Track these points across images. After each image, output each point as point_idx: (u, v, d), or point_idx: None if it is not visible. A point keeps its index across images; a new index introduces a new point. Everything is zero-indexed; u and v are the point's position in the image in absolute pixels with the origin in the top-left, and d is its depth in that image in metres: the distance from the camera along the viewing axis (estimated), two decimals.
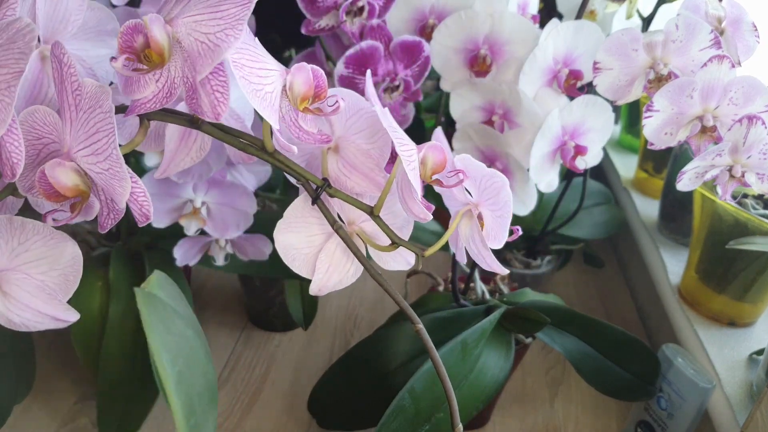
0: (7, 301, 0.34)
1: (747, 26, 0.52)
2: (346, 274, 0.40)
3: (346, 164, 0.36)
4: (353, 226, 0.38)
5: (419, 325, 0.38)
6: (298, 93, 0.33)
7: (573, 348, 0.62)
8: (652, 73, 0.51)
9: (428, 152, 0.35)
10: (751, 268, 0.67)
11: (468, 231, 0.37)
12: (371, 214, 0.36)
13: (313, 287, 0.39)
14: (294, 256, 0.38)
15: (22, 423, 0.67)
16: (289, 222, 0.37)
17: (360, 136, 0.36)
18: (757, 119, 0.46)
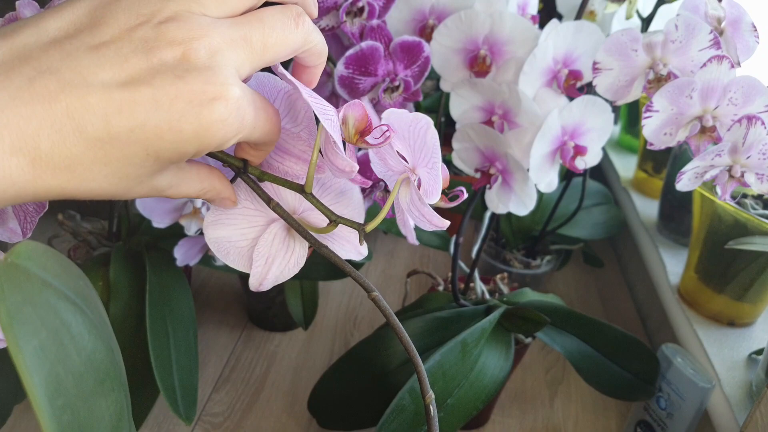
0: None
1: (746, 26, 0.52)
2: (287, 265, 0.37)
3: (277, 150, 0.34)
4: (295, 215, 0.36)
5: (374, 293, 0.35)
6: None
7: (573, 348, 0.63)
8: (651, 73, 0.52)
9: (347, 110, 0.32)
10: (750, 268, 0.67)
11: (407, 198, 0.34)
12: (302, 192, 0.33)
13: (252, 282, 0.36)
14: (227, 250, 0.35)
15: (23, 423, 0.67)
16: (218, 214, 0.35)
17: (286, 121, 0.34)
18: (756, 119, 0.46)
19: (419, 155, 0.33)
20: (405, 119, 0.32)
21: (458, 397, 0.55)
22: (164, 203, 0.57)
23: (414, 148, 0.33)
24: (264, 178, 0.33)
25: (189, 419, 0.58)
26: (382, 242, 1.08)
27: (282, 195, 0.35)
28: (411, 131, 0.32)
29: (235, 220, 0.35)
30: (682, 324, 0.73)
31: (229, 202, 0.33)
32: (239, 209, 0.35)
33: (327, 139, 0.31)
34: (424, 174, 0.33)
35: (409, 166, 0.34)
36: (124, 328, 0.61)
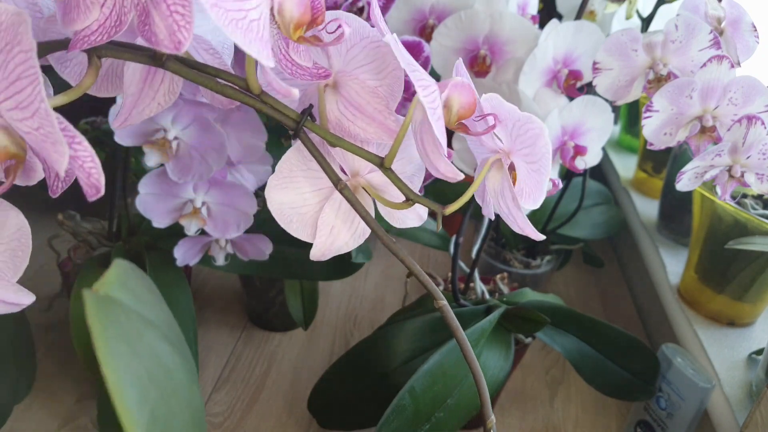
0: None
1: (746, 26, 0.52)
2: (353, 235, 0.34)
3: (348, 105, 0.30)
4: (358, 178, 0.32)
5: (442, 301, 0.32)
6: (290, 18, 0.26)
7: (573, 348, 0.63)
8: (651, 73, 0.52)
9: (453, 92, 0.28)
10: (750, 268, 0.67)
11: (497, 184, 0.31)
12: (381, 167, 0.30)
13: (315, 252, 0.33)
14: (290, 217, 0.32)
15: (23, 422, 0.67)
16: (283, 177, 0.31)
17: (365, 71, 0.30)
18: (756, 119, 0.46)
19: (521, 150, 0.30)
20: (514, 115, 0.29)
21: (458, 397, 0.55)
22: (164, 203, 0.57)
23: (517, 142, 0.30)
24: (338, 144, 0.30)
25: None
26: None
27: (347, 155, 0.32)
28: (519, 129, 0.29)
29: (298, 183, 0.32)
30: (682, 324, 0.73)
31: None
32: (303, 171, 0.32)
33: (426, 131, 0.28)
34: (524, 171, 0.30)
35: (504, 148, 0.30)
36: None
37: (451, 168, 0.28)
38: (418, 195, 0.31)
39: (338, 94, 0.30)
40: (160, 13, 0.24)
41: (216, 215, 0.58)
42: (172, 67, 0.28)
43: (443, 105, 0.28)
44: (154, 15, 0.24)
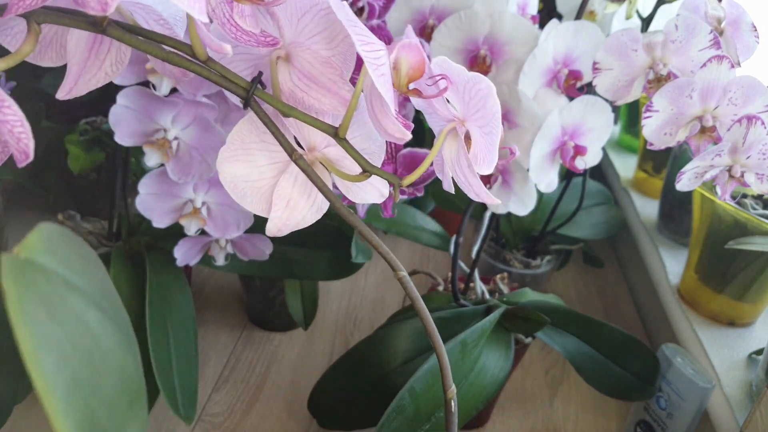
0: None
1: (746, 26, 0.52)
2: (311, 209, 0.33)
3: (301, 76, 0.30)
4: (315, 152, 0.31)
5: (402, 272, 0.31)
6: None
7: (572, 348, 0.63)
8: (651, 73, 0.52)
9: (402, 53, 0.27)
10: (750, 268, 0.67)
11: (453, 153, 0.31)
12: (336, 137, 0.29)
13: (270, 227, 0.32)
14: (244, 191, 0.31)
15: (23, 422, 0.67)
16: (235, 149, 0.30)
17: (316, 40, 0.29)
18: (756, 119, 0.46)
19: (474, 115, 0.29)
20: (463, 75, 0.28)
21: (458, 397, 0.55)
22: (164, 203, 0.57)
23: (469, 106, 0.29)
24: (291, 114, 0.29)
25: (189, 419, 0.58)
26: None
27: (302, 128, 0.31)
28: (469, 91, 0.28)
29: (252, 156, 0.31)
30: (682, 324, 0.73)
31: None
32: (257, 143, 0.31)
33: (373, 90, 0.27)
34: (477, 136, 0.29)
35: (458, 116, 0.30)
36: None
37: (399, 128, 0.27)
38: (373, 166, 0.30)
39: (291, 65, 0.30)
40: None
41: (216, 215, 0.58)
42: (113, 32, 0.27)
43: (393, 67, 0.27)
44: None
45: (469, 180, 0.30)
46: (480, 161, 0.30)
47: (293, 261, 0.68)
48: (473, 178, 0.29)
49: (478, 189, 0.30)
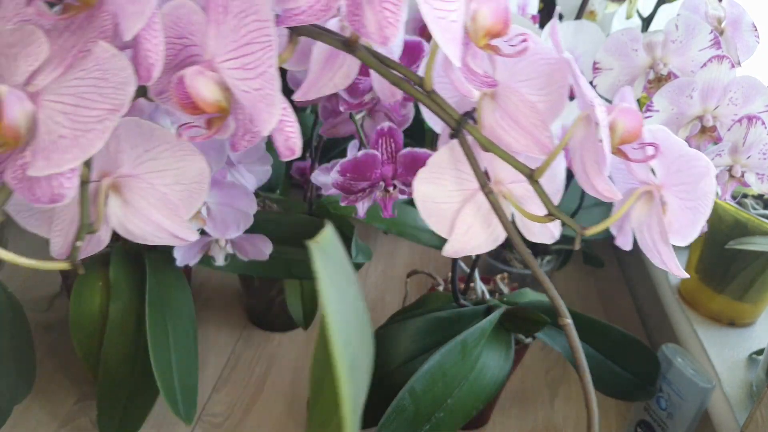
0: (127, 210, 0.31)
1: (747, 26, 0.52)
2: (488, 239, 0.35)
3: (505, 115, 0.31)
4: (500, 186, 0.34)
5: (567, 320, 0.35)
6: (482, 25, 0.28)
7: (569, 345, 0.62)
8: (651, 73, 0.52)
9: (620, 116, 0.28)
10: (750, 268, 0.67)
11: (644, 216, 0.31)
12: (530, 178, 0.31)
13: (449, 248, 0.34)
14: (431, 210, 0.34)
15: (23, 423, 0.67)
16: (432, 171, 0.33)
17: (528, 85, 0.31)
18: (756, 119, 0.46)
19: (677, 186, 0.30)
20: (678, 150, 0.29)
21: (458, 397, 0.55)
22: None
23: (674, 177, 0.30)
24: (491, 149, 0.31)
25: (189, 419, 0.58)
26: (382, 242, 1.08)
27: (494, 161, 0.33)
28: (681, 165, 0.29)
29: (445, 180, 0.33)
30: (683, 324, 0.73)
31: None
32: (451, 170, 0.33)
33: (589, 146, 0.28)
34: (676, 207, 0.30)
35: (656, 183, 0.31)
36: (123, 328, 0.61)
37: (610, 187, 0.29)
38: (560, 212, 0.32)
39: (496, 103, 0.31)
40: (372, 8, 0.26)
41: (216, 215, 0.58)
42: (360, 54, 0.30)
43: (609, 127, 0.29)
44: (366, 9, 0.26)
45: (658, 246, 0.31)
46: (675, 231, 0.30)
47: (293, 261, 0.68)
48: (664, 246, 0.30)
49: (666, 258, 0.30)
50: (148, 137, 0.31)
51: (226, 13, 0.26)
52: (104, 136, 0.25)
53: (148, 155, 0.31)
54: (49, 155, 0.25)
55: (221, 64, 0.26)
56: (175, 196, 0.32)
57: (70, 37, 0.26)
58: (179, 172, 0.32)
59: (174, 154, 0.32)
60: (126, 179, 0.31)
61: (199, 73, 0.26)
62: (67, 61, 0.26)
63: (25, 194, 0.25)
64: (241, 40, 0.26)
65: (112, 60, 0.25)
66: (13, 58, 0.26)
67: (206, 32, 0.27)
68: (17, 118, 0.25)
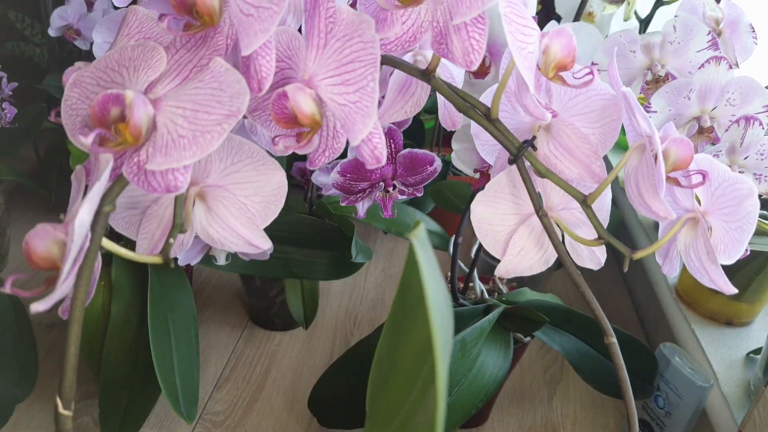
0: (210, 216, 0.35)
1: (744, 27, 0.52)
2: (538, 261, 0.37)
3: (558, 146, 0.34)
4: (551, 212, 0.35)
5: (612, 338, 0.36)
6: (554, 58, 0.30)
7: (571, 347, 0.63)
8: (649, 74, 0.52)
9: (673, 146, 0.30)
10: (748, 267, 0.67)
11: (690, 241, 0.33)
12: (583, 204, 0.33)
13: (501, 268, 0.37)
14: (486, 232, 0.36)
15: (24, 422, 0.68)
16: (489, 195, 0.35)
17: (581, 118, 0.33)
18: (754, 120, 0.46)
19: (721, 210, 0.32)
20: (722, 175, 0.32)
21: (457, 395, 0.55)
22: None
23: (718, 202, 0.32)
24: (547, 176, 0.33)
25: (190, 418, 0.59)
26: (382, 242, 1.09)
27: (547, 188, 0.35)
28: (724, 189, 0.31)
29: (501, 204, 0.35)
30: (680, 323, 0.74)
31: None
32: (507, 195, 0.35)
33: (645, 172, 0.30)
34: (721, 230, 0.32)
35: (700, 209, 0.33)
36: (125, 327, 0.61)
37: (666, 208, 0.31)
38: (610, 236, 0.34)
39: (550, 134, 0.34)
40: (459, 36, 0.29)
41: None
42: (435, 83, 0.33)
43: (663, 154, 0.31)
44: (453, 37, 0.29)
45: (707, 268, 0.32)
46: (721, 252, 0.32)
47: (294, 261, 0.68)
48: (712, 266, 0.32)
49: (715, 277, 0.32)
50: (236, 151, 0.34)
51: (328, 37, 0.29)
52: (221, 137, 0.28)
53: (233, 168, 0.34)
54: (169, 152, 0.28)
55: (321, 81, 0.29)
56: (254, 206, 0.35)
57: (186, 54, 0.30)
58: (259, 185, 0.35)
59: (256, 168, 0.34)
60: (211, 188, 0.35)
61: (299, 89, 0.29)
62: (183, 74, 0.30)
63: (141, 185, 0.28)
64: (344, 60, 0.29)
65: (227, 74, 0.29)
66: (134, 70, 0.30)
67: (305, 55, 0.30)
68: (141, 119, 0.28)
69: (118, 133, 0.28)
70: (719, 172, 0.32)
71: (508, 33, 0.29)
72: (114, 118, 0.28)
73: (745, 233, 0.31)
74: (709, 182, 0.32)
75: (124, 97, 0.27)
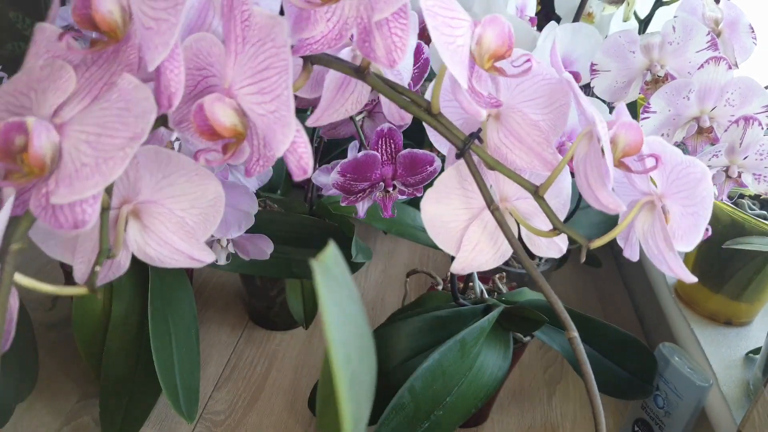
0: (146, 234, 0.33)
1: (744, 28, 0.52)
2: (494, 255, 0.36)
3: (508, 134, 0.32)
4: (506, 203, 0.34)
5: (574, 333, 0.34)
6: (488, 48, 0.29)
7: (571, 347, 0.63)
8: (649, 74, 0.52)
9: (621, 131, 0.29)
10: (747, 267, 0.67)
11: (647, 226, 0.32)
12: (535, 195, 0.32)
13: (456, 266, 0.35)
14: (439, 230, 0.35)
15: (25, 421, 0.68)
16: (439, 192, 0.34)
17: (530, 105, 0.33)
18: (753, 120, 0.46)
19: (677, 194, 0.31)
20: (675, 159, 0.31)
21: (457, 395, 0.55)
22: None
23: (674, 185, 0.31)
24: (496, 168, 0.32)
25: (191, 417, 0.59)
26: (382, 242, 1.09)
27: (500, 179, 0.34)
28: (679, 173, 0.31)
29: (451, 199, 0.34)
30: (680, 323, 0.74)
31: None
32: (457, 189, 0.34)
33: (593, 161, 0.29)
34: (678, 214, 0.31)
35: (657, 192, 0.32)
36: (126, 327, 0.61)
37: (614, 199, 0.30)
38: (564, 225, 0.32)
39: (500, 124, 0.33)
40: (381, 33, 0.28)
41: None
42: (370, 80, 0.32)
43: (611, 141, 0.30)
44: (376, 35, 0.28)
45: (664, 254, 0.31)
46: (678, 238, 0.31)
47: (294, 260, 0.68)
48: (669, 252, 0.31)
49: (673, 264, 0.31)
50: (166, 164, 0.32)
51: (245, 43, 0.27)
52: (124, 163, 0.26)
53: (165, 181, 0.33)
54: (72, 183, 0.26)
55: (239, 90, 0.28)
56: (192, 219, 0.34)
57: (96, 71, 0.28)
58: (195, 197, 0.33)
59: (190, 179, 0.33)
60: (145, 205, 0.33)
61: (217, 99, 0.27)
62: (92, 93, 0.27)
63: (49, 221, 0.26)
64: (259, 66, 0.27)
65: (134, 91, 0.27)
66: (42, 92, 0.28)
67: (225, 62, 0.28)
68: (43, 148, 0.26)
69: (24, 164, 0.26)
70: (673, 155, 0.31)
71: (431, 28, 0.27)
72: (19, 148, 0.25)
73: (702, 218, 0.30)
74: (663, 166, 0.31)
75: (26, 124, 0.25)
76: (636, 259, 0.35)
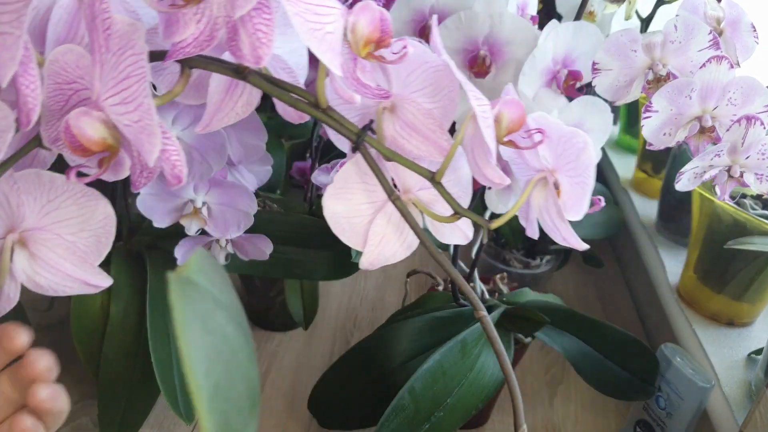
0: (35, 263, 0.32)
1: (746, 27, 0.52)
2: (401, 247, 0.36)
3: (404, 125, 0.33)
4: (409, 194, 0.35)
5: (482, 312, 0.34)
6: (361, 35, 0.29)
7: (572, 348, 0.63)
8: (650, 73, 0.52)
9: (504, 108, 0.30)
10: (749, 267, 0.67)
11: (542, 201, 0.33)
12: (432, 180, 0.32)
13: (364, 261, 0.35)
14: (343, 226, 0.34)
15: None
16: (339, 188, 0.34)
17: (421, 94, 0.33)
18: (755, 120, 0.46)
19: (565, 166, 0.32)
20: (559, 131, 0.31)
21: (458, 396, 0.55)
22: (165, 203, 0.57)
23: (561, 158, 0.32)
24: (394, 158, 0.32)
25: (189, 418, 0.58)
26: None
27: (399, 170, 0.34)
28: (564, 144, 0.31)
29: (353, 194, 0.34)
30: (682, 324, 0.74)
31: None
32: (358, 184, 0.34)
33: (477, 141, 0.30)
34: (567, 186, 0.32)
35: (548, 167, 0.33)
36: (124, 327, 0.61)
37: (499, 174, 0.30)
38: (464, 209, 0.33)
39: (395, 115, 0.33)
40: (246, 30, 0.27)
41: (216, 215, 0.58)
42: (252, 80, 0.31)
43: (494, 119, 0.30)
44: (241, 32, 0.27)
45: (558, 225, 0.32)
46: (569, 209, 0.32)
47: (293, 261, 0.68)
48: (562, 224, 0.32)
49: (566, 234, 0.32)
50: (50, 188, 0.31)
51: (108, 52, 0.26)
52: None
53: (51, 205, 0.31)
54: None
55: (105, 101, 0.27)
56: (83, 243, 0.32)
57: None
58: (83, 219, 0.32)
59: (77, 201, 0.32)
60: (31, 233, 0.31)
61: (83, 113, 0.27)
62: None
63: None
64: (120, 76, 0.26)
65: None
66: None
67: (92, 73, 0.27)
68: None
69: None
70: (556, 128, 0.32)
71: (292, 15, 0.26)
72: None
73: (587, 186, 0.31)
74: (550, 139, 0.32)
75: None
76: (536, 236, 0.36)
